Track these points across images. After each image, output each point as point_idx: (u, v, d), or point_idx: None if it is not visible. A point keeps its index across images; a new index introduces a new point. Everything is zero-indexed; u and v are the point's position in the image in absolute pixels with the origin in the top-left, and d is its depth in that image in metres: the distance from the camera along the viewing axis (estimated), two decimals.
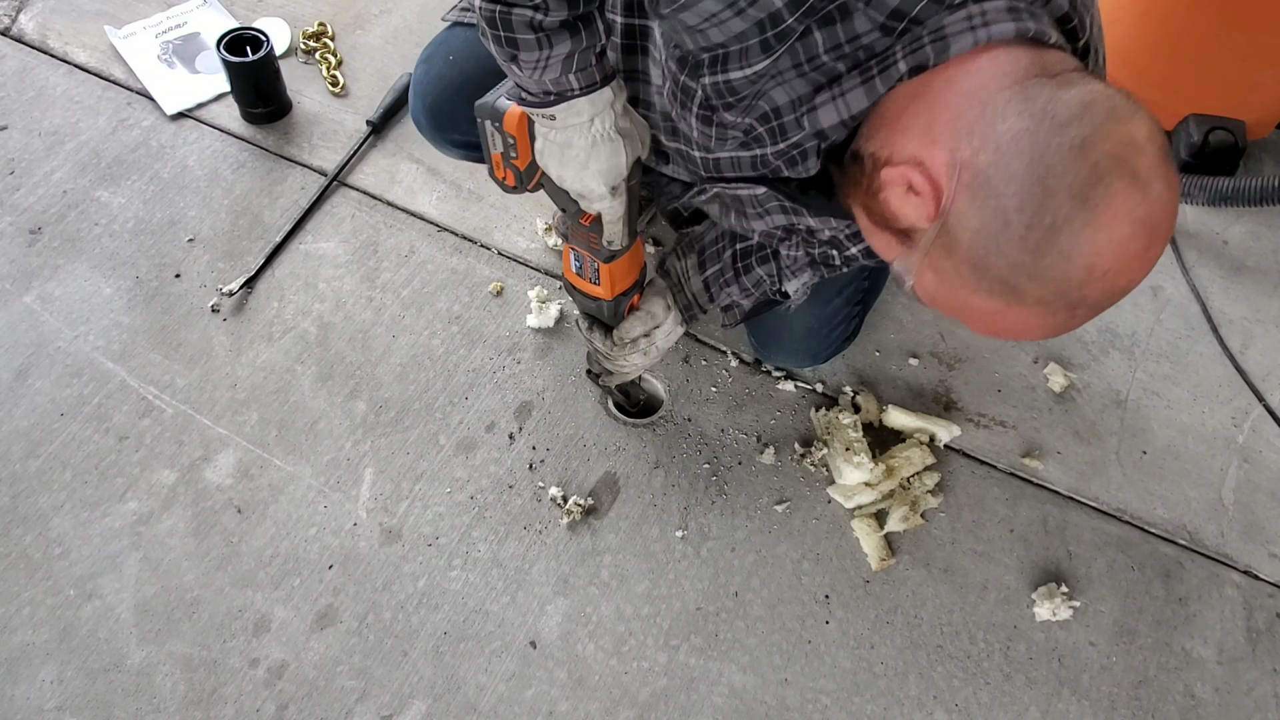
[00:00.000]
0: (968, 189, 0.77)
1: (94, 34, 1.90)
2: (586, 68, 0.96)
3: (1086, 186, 0.73)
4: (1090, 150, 0.73)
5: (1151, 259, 0.77)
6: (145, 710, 1.24)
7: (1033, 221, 0.74)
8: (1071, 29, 0.85)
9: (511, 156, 1.11)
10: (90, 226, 1.65)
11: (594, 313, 1.29)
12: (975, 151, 0.77)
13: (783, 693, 1.31)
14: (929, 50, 0.80)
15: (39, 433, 1.44)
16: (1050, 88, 0.76)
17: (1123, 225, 0.74)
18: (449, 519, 1.41)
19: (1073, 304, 0.78)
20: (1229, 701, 1.34)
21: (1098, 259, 0.75)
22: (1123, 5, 1.85)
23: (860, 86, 0.85)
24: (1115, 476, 1.52)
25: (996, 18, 0.79)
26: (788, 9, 0.82)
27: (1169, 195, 0.75)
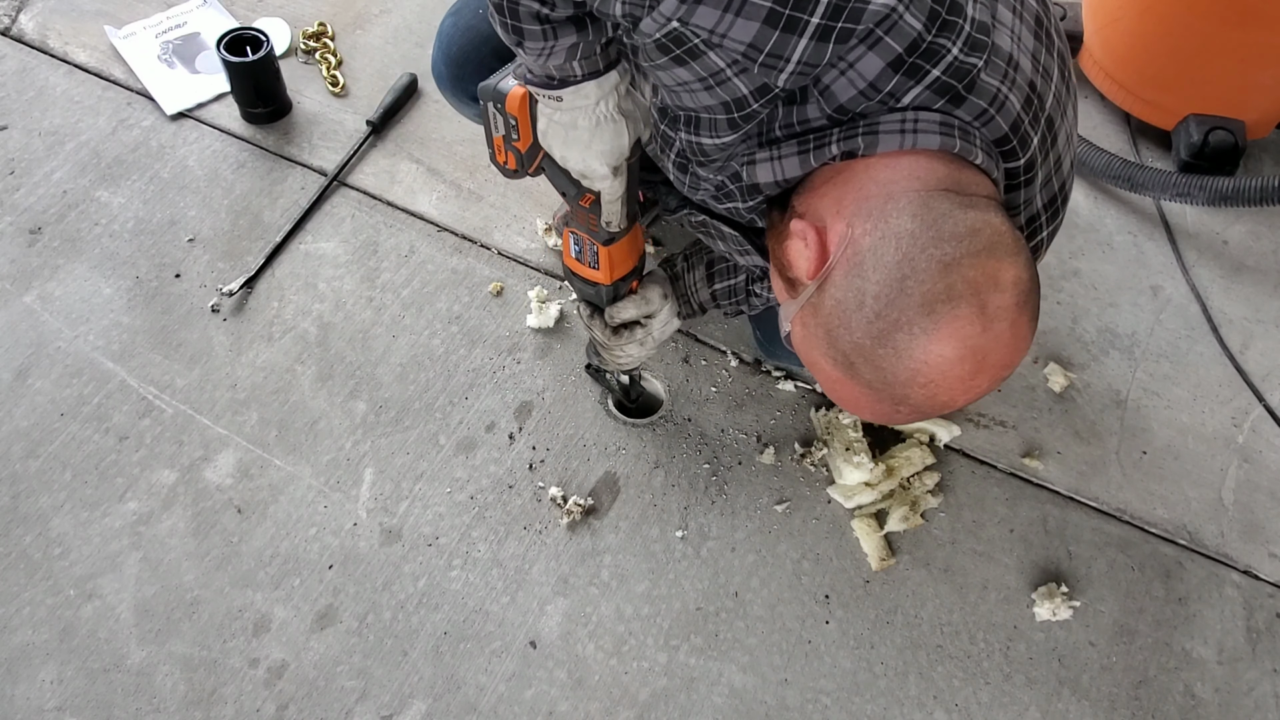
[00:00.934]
0: (845, 263, 0.84)
1: (94, 34, 1.90)
2: (590, 56, 0.98)
3: (937, 300, 0.78)
4: (953, 271, 0.79)
5: (975, 389, 0.82)
6: (145, 710, 1.24)
7: (882, 311, 0.80)
8: (1009, 149, 0.90)
9: (513, 139, 1.11)
10: (90, 226, 1.65)
11: (592, 299, 1.29)
12: (864, 233, 0.83)
13: (783, 693, 1.31)
14: (860, 141, 0.86)
15: (39, 433, 1.44)
16: (951, 204, 0.81)
17: (955, 347, 0.79)
18: (449, 519, 1.41)
19: (896, 399, 0.84)
20: (1229, 701, 1.34)
21: (924, 368, 0.80)
22: (1123, 5, 1.85)
23: (796, 155, 0.90)
24: (1115, 476, 1.52)
25: (927, 127, 0.85)
26: (752, 96, 0.88)
27: (1010, 338, 0.81)
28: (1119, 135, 1.96)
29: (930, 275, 0.79)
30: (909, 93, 0.85)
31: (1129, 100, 1.93)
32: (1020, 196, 0.96)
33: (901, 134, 0.85)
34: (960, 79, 0.85)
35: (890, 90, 0.85)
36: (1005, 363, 0.82)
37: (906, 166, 0.85)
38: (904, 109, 0.85)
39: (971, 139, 0.86)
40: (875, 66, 0.83)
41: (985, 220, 0.81)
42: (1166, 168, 1.87)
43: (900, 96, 0.85)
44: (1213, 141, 1.81)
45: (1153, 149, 1.94)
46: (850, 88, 0.85)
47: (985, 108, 0.86)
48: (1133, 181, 1.75)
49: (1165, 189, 1.71)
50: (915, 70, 0.84)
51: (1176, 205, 1.84)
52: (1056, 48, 0.97)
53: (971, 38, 0.84)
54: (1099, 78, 1.96)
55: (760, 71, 0.85)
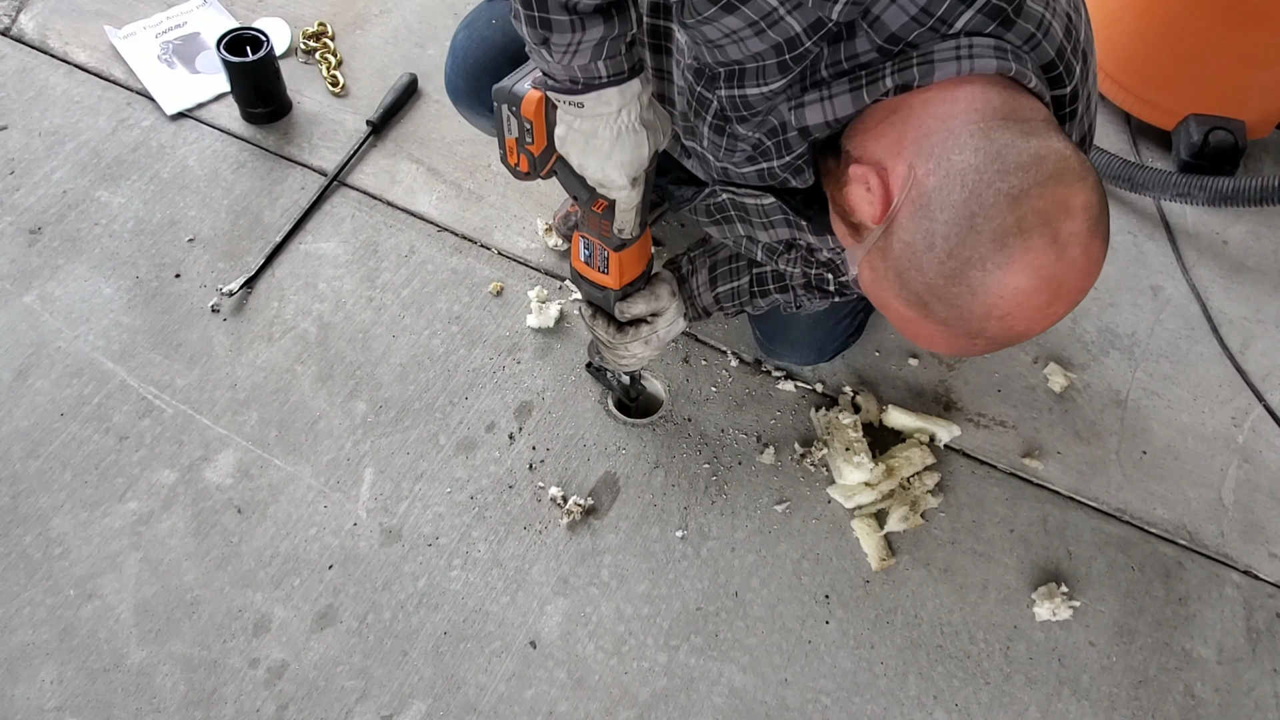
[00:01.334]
0: (911, 204, 0.83)
1: (94, 34, 1.90)
2: (615, 56, 0.97)
3: (1008, 234, 0.78)
4: (1022, 202, 0.78)
5: (1052, 315, 0.83)
6: (145, 710, 1.24)
7: (954, 250, 0.80)
8: (1056, 75, 0.89)
9: (527, 142, 1.11)
10: (90, 226, 1.65)
11: (600, 303, 1.28)
12: (928, 173, 0.82)
13: (783, 693, 1.31)
14: (915, 72, 0.84)
15: (39, 433, 1.44)
16: (1012, 133, 0.81)
17: (1030, 278, 0.79)
18: (449, 519, 1.41)
19: (972, 334, 0.84)
20: (1229, 701, 1.34)
21: (999, 301, 0.80)
22: (1123, 5, 1.85)
23: (848, 94, 0.89)
24: (1115, 476, 1.52)
25: (982, 52, 0.83)
26: (805, 34, 0.86)
27: (1084, 263, 0.80)
28: (1119, 135, 1.96)
29: (999, 209, 0.78)
30: (960, 17, 0.83)
31: (1129, 100, 1.93)
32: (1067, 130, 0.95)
33: (958, 59, 0.83)
34: (1009, 1, 0.84)
35: (942, 15, 0.83)
36: (1081, 287, 0.82)
37: (963, 98, 0.84)
38: (956, 34, 0.84)
39: (1024, 63, 0.85)
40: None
41: (1049, 146, 0.80)
42: (1166, 168, 1.87)
43: (952, 22, 0.84)
44: (1213, 141, 1.81)
45: (1153, 149, 1.94)
46: (902, 14, 0.84)
47: (1033, 32, 0.86)
48: (1133, 181, 1.75)
49: (1165, 189, 1.71)
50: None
51: (1176, 205, 1.84)
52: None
53: None
54: (1099, 78, 1.96)
55: (815, 5, 0.84)
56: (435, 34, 1.98)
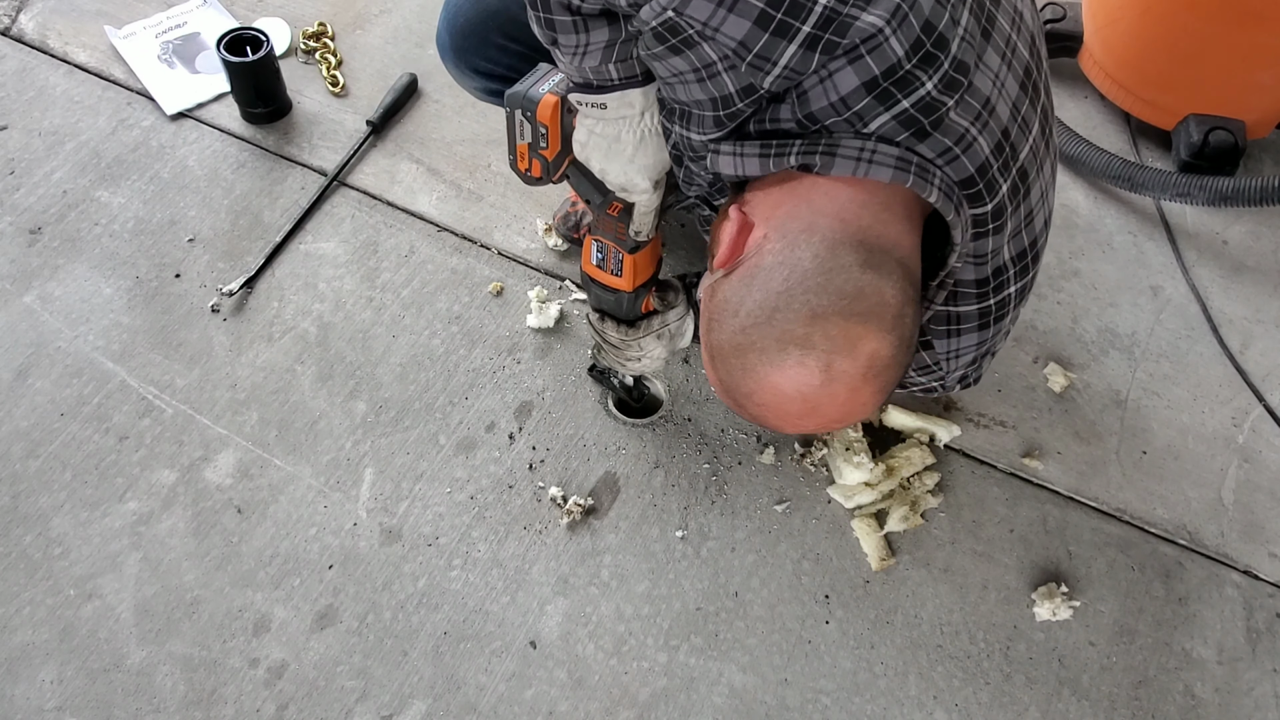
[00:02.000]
0: (745, 269, 0.89)
1: (94, 34, 1.90)
2: (627, 59, 0.98)
3: (791, 342, 0.84)
4: (816, 323, 0.83)
5: (803, 426, 0.90)
6: (145, 710, 1.24)
7: (746, 328, 0.87)
8: (975, 193, 0.91)
9: (540, 147, 1.10)
10: (90, 226, 1.65)
11: (610, 307, 1.27)
12: (771, 251, 0.87)
13: (783, 693, 1.31)
14: (817, 159, 0.88)
15: (39, 433, 1.44)
16: (855, 259, 0.85)
17: (790, 388, 0.85)
18: (449, 519, 1.41)
19: (737, 402, 0.92)
20: (1229, 701, 1.34)
21: (759, 391, 0.87)
22: (1123, 5, 1.85)
23: (757, 158, 0.93)
24: (1115, 476, 1.52)
25: (883, 160, 0.86)
26: (738, 95, 0.90)
27: (845, 400, 0.86)
28: (1119, 135, 1.96)
29: (797, 318, 0.83)
30: (876, 119, 0.86)
31: (1129, 100, 1.93)
32: (988, 244, 0.96)
33: (857, 161, 0.87)
34: (928, 115, 0.86)
35: (859, 111, 0.86)
36: (836, 417, 0.88)
37: (842, 199, 0.88)
38: (868, 135, 0.87)
39: (929, 176, 0.87)
40: (851, 83, 0.84)
41: (877, 288, 0.84)
42: (1166, 168, 1.87)
43: (868, 121, 0.86)
44: (1213, 141, 1.81)
45: (1153, 149, 1.94)
46: (824, 97, 0.86)
47: (950, 146, 0.87)
48: (1133, 181, 1.75)
49: (1165, 189, 1.71)
50: (886, 96, 0.85)
51: (1176, 205, 1.84)
52: (1041, 103, 0.97)
53: (949, 75, 0.85)
54: (1099, 78, 1.96)
55: (748, 71, 0.86)
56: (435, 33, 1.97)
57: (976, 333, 1.07)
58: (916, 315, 0.88)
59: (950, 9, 0.84)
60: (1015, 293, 1.04)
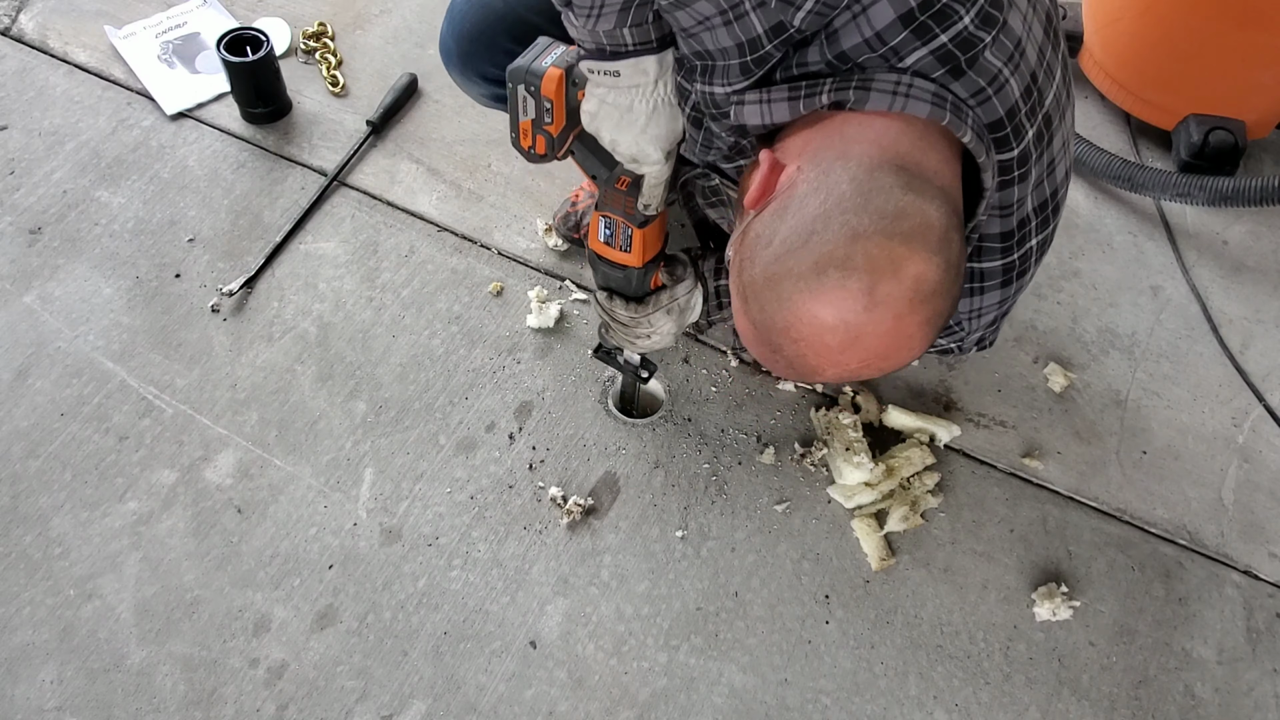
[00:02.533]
0: (778, 202, 0.84)
1: (94, 34, 1.90)
2: (642, 24, 0.95)
3: (830, 264, 0.79)
4: (858, 242, 0.78)
5: (843, 363, 0.82)
6: (145, 710, 1.24)
7: (780, 255, 0.81)
8: (1003, 136, 0.88)
9: (545, 122, 1.08)
10: (90, 226, 1.65)
11: (618, 285, 1.25)
12: (805, 180, 0.83)
13: (783, 693, 1.31)
14: (851, 94, 0.85)
15: (39, 433, 1.44)
16: (894, 181, 0.80)
17: (831, 315, 0.79)
18: (449, 519, 1.41)
19: (772, 345, 0.85)
20: (1229, 701, 1.34)
21: (797, 323, 0.81)
22: (1123, 5, 1.85)
23: (785, 102, 0.89)
24: (1115, 476, 1.52)
25: (919, 94, 0.83)
26: (766, 35, 0.86)
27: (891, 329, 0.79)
28: (1119, 135, 1.96)
29: (835, 238, 0.78)
30: (912, 53, 0.83)
31: (1129, 100, 1.93)
32: (1014, 194, 0.94)
33: (893, 95, 0.83)
34: (965, 50, 0.83)
35: (894, 46, 0.83)
36: (881, 351, 0.81)
37: (877, 129, 0.84)
38: (902, 70, 0.84)
39: (963, 116, 0.84)
40: (886, 16, 0.81)
41: (919, 208, 0.79)
42: (1166, 168, 1.87)
43: (903, 55, 0.83)
44: (1213, 141, 1.81)
45: (1153, 149, 1.94)
46: (856, 34, 0.83)
47: (983, 86, 0.85)
48: (1133, 181, 1.75)
49: (1165, 189, 1.71)
50: (924, 30, 0.82)
51: (1176, 205, 1.84)
52: (1061, 50, 0.96)
53: (985, 10, 0.82)
54: (1099, 78, 1.96)
55: (777, 7, 0.83)
56: (435, 34, 1.96)
57: (999, 289, 1.05)
58: (962, 244, 0.83)
59: None
60: (1036, 245, 1.02)
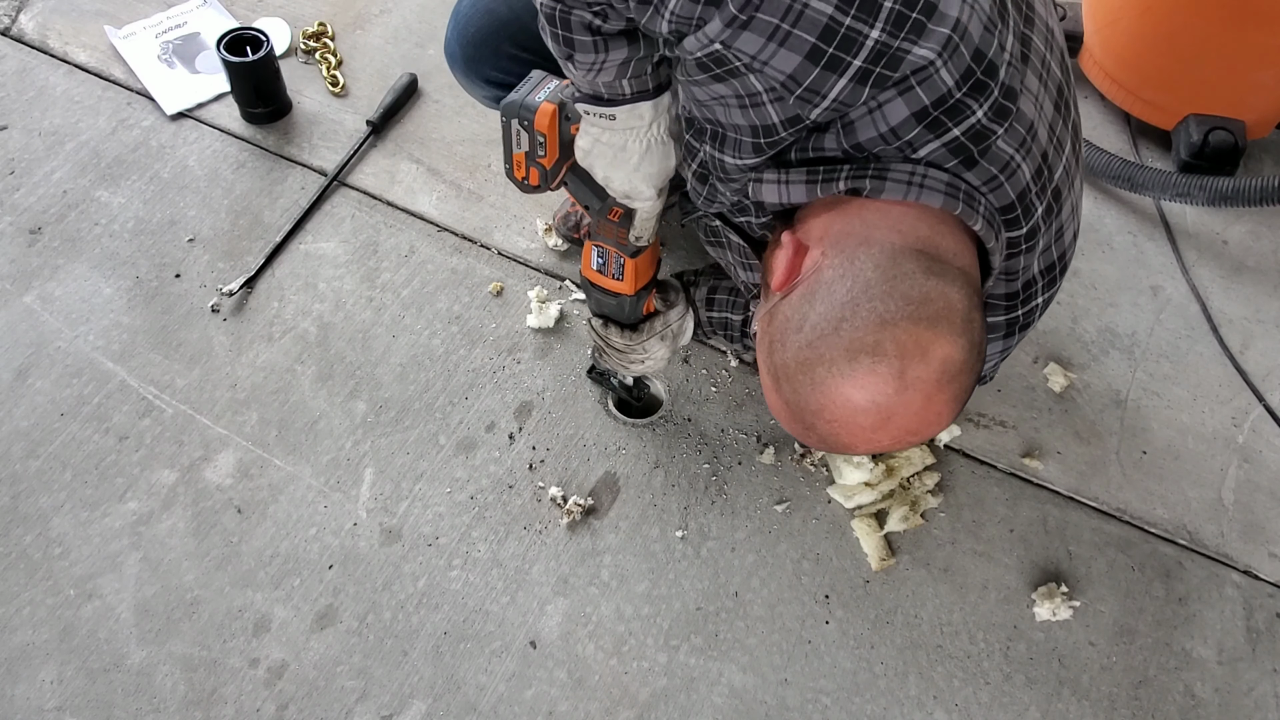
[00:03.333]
0: (805, 287, 0.87)
1: (94, 34, 1.90)
2: (640, 75, 0.98)
3: (862, 350, 0.81)
4: (887, 328, 0.81)
5: (877, 441, 0.85)
6: (145, 710, 1.24)
7: (813, 342, 0.83)
8: (1013, 218, 0.91)
9: (538, 155, 1.10)
10: (90, 226, 1.65)
11: (611, 311, 1.28)
12: (830, 266, 0.86)
13: (783, 693, 1.31)
14: (867, 184, 0.87)
15: (39, 433, 1.44)
16: (917, 266, 0.83)
17: (864, 398, 0.82)
18: (449, 519, 1.41)
19: (805, 424, 0.88)
20: (1229, 701, 1.34)
21: (831, 406, 0.84)
22: (1123, 5, 1.85)
23: (804, 185, 0.91)
24: (1115, 476, 1.52)
25: (933, 185, 0.86)
26: (782, 125, 0.89)
27: (921, 408, 0.82)
28: (1119, 135, 1.96)
29: (865, 325, 0.81)
30: (925, 146, 0.86)
31: (1129, 100, 1.93)
32: (1019, 263, 0.97)
33: (908, 185, 0.86)
34: (977, 143, 0.86)
35: (909, 140, 0.85)
36: (912, 429, 0.85)
37: (895, 214, 0.87)
38: (917, 160, 0.86)
39: (975, 204, 0.87)
40: (901, 114, 0.84)
41: (942, 292, 0.82)
42: (1166, 168, 1.87)
43: (917, 148, 0.86)
44: (1213, 141, 1.81)
45: (1153, 149, 1.94)
46: (872, 128, 0.86)
47: (995, 174, 0.87)
48: (1133, 181, 1.75)
49: (1165, 189, 1.71)
50: (937, 125, 0.84)
51: (1176, 205, 1.84)
52: (1072, 118, 0.98)
53: (998, 103, 0.85)
54: (1099, 78, 1.96)
55: (795, 103, 0.86)
56: (435, 34, 1.98)
57: (1002, 340, 1.08)
58: (983, 322, 0.86)
59: (998, 35, 0.84)
60: (1042, 303, 1.05)
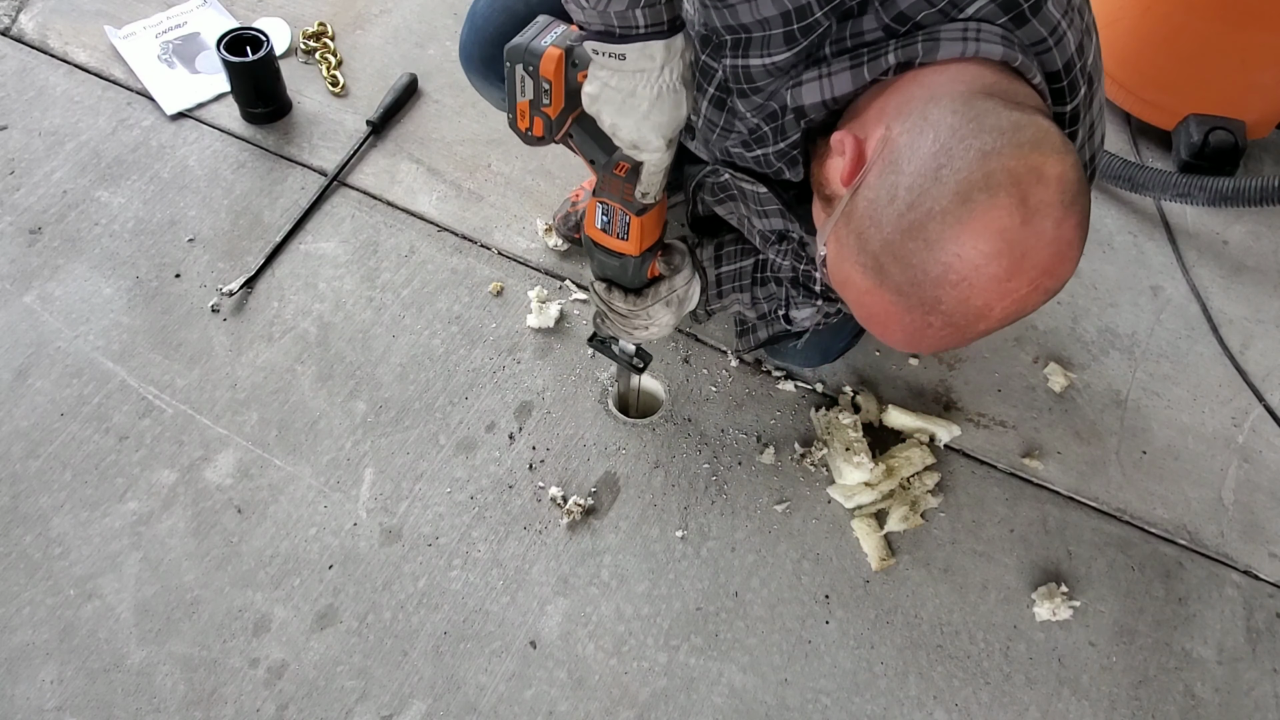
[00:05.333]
0: (881, 162, 0.79)
1: (94, 34, 1.90)
2: (655, 5, 0.92)
3: (973, 188, 0.73)
4: (993, 159, 0.73)
5: (1013, 292, 0.76)
6: (145, 710, 1.24)
7: (915, 202, 0.75)
8: (1059, 89, 0.86)
9: (543, 104, 1.05)
10: (90, 226, 1.65)
11: (614, 274, 1.23)
12: (902, 131, 0.79)
13: (783, 693, 1.31)
14: (919, 48, 0.82)
15: (39, 433, 1.44)
16: (996, 103, 0.77)
17: (990, 239, 0.73)
18: (449, 519, 1.41)
19: (926, 304, 0.78)
20: (1229, 701, 1.34)
21: (956, 261, 0.75)
22: (1123, 5, 1.85)
23: (848, 71, 0.86)
24: (1115, 476, 1.52)
25: (989, 37, 0.81)
26: (818, 3, 0.83)
27: (1053, 238, 0.74)
28: (1119, 135, 1.96)
29: (968, 163, 0.74)
30: (973, 3, 0.81)
31: (1129, 100, 1.93)
32: None
33: (964, 41, 0.81)
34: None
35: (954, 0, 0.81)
36: (1046, 267, 0.75)
37: (955, 71, 0.81)
38: (966, 19, 0.82)
39: (1031, 59, 0.83)
40: None
41: (1031, 119, 0.76)
42: (1166, 168, 1.87)
43: (963, 6, 0.81)
44: (1213, 141, 1.81)
45: (1153, 149, 1.94)
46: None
47: (1045, 36, 0.83)
48: (1133, 181, 1.75)
49: (1165, 189, 1.71)
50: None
51: (1176, 205, 1.84)
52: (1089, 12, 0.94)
53: None
54: None
55: None
56: (435, 34, 1.98)
57: None
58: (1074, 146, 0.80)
59: None
60: None
